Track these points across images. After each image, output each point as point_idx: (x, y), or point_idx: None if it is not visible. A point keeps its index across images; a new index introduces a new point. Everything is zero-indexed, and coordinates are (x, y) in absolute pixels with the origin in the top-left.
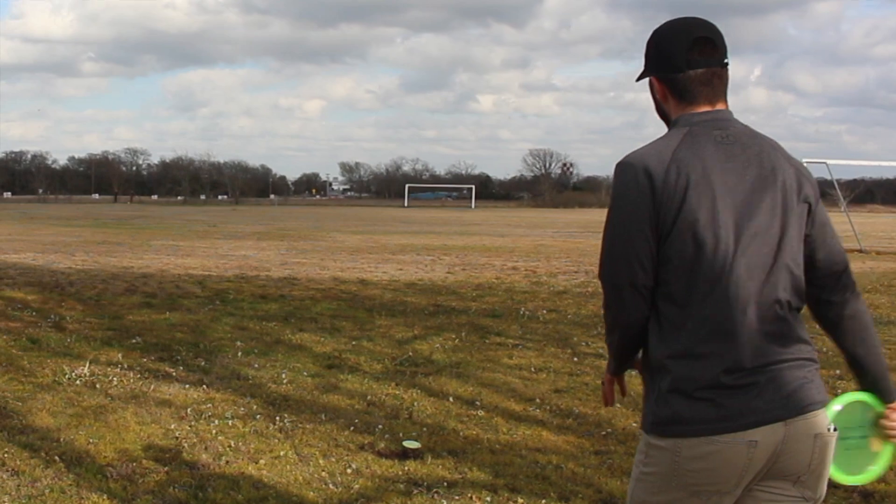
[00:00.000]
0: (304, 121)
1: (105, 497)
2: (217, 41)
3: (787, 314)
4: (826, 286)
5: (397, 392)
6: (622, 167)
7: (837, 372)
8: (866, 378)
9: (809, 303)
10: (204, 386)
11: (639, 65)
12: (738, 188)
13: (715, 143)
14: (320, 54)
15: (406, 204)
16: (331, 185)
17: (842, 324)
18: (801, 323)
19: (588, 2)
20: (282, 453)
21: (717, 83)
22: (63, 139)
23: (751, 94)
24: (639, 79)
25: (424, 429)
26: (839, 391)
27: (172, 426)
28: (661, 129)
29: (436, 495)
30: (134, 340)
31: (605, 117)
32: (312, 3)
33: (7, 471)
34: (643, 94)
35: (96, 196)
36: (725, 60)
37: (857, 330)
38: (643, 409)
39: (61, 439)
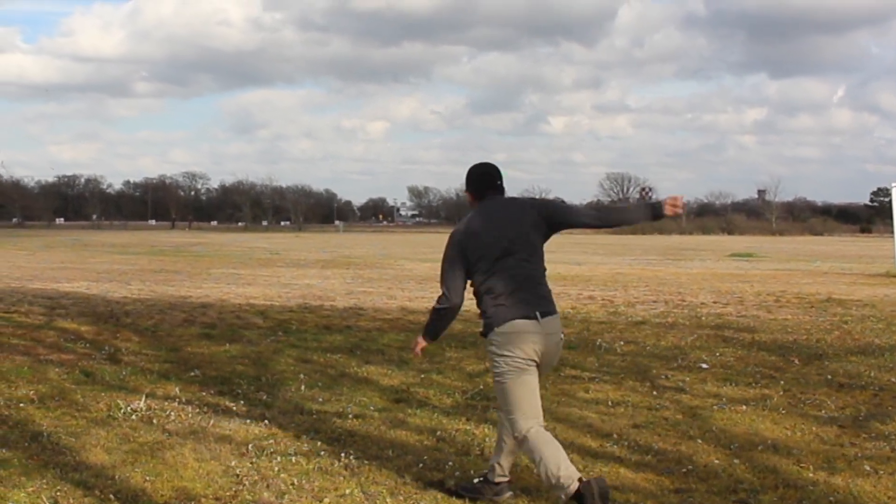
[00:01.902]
0: (368, 143)
1: None
2: (275, 60)
3: None
4: (590, 223)
5: (468, 427)
6: None
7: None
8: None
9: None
10: (266, 421)
11: (715, 84)
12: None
13: None
14: (383, 73)
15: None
16: (398, 210)
17: (608, 217)
18: None
19: (661, 19)
20: (347, 491)
21: None
22: (116, 162)
23: (833, 115)
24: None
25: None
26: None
27: (233, 463)
28: (739, 152)
29: None
30: (192, 373)
31: (682, 139)
32: (373, 20)
33: None
34: (721, 116)
35: (153, 222)
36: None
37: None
38: None
39: (116, 477)
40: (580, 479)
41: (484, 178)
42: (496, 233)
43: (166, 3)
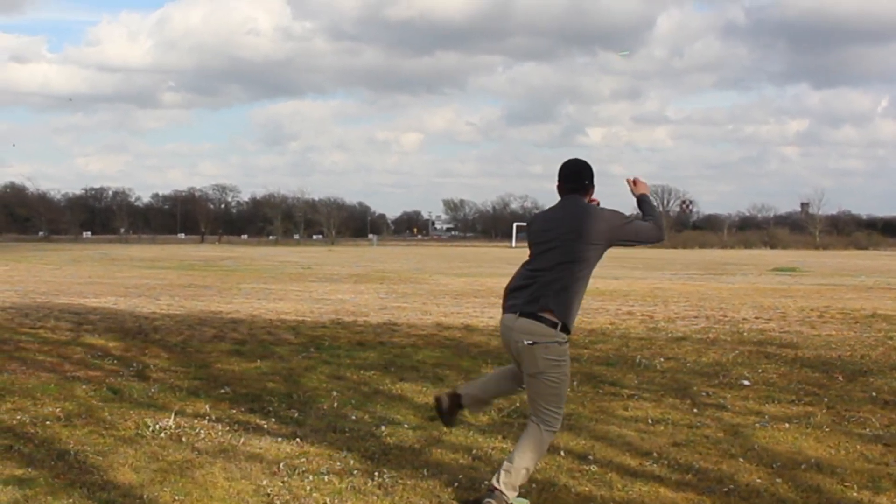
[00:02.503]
0: (402, 155)
1: None
2: (305, 70)
3: None
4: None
5: (504, 445)
6: None
7: None
8: None
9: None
10: (297, 439)
11: (756, 95)
12: None
13: None
14: (416, 84)
15: (514, 244)
16: (433, 223)
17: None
18: None
19: (700, 28)
20: None
21: None
22: (145, 175)
23: (878, 126)
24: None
25: (534, 485)
26: None
27: (264, 482)
28: (781, 164)
29: None
30: (223, 390)
31: (723, 151)
32: (406, 29)
33: None
34: (763, 128)
35: (182, 236)
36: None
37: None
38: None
39: (144, 496)
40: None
41: (559, 176)
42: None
43: (194, 12)
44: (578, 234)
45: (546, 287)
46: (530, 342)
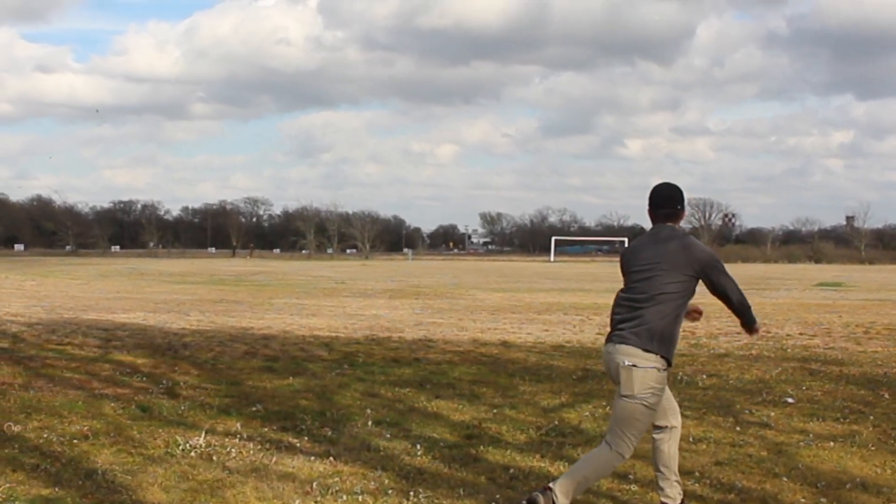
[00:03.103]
0: (437, 167)
1: None
2: (338, 80)
3: None
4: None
5: (543, 465)
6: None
7: None
8: None
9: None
10: (331, 458)
11: (799, 106)
12: None
13: None
14: (451, 95)
15: (552, 258)
16: (470, 237)
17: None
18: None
19: (741, 37)
20: None
21: None
22: (174, 187)
23: None
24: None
25: None
26: None
27: (296, 502)
28: (826, 176)
29: None
30: (254, 408)
31: (766, 163)
32: (440, 38)
33: None
34: (806, 140)
35: (212, 250)
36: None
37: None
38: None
39: None
40: None
41: (651, 202)
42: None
43: (224, 21)
44: (676, 265)
45: (647, 318)
46: (630, 363)
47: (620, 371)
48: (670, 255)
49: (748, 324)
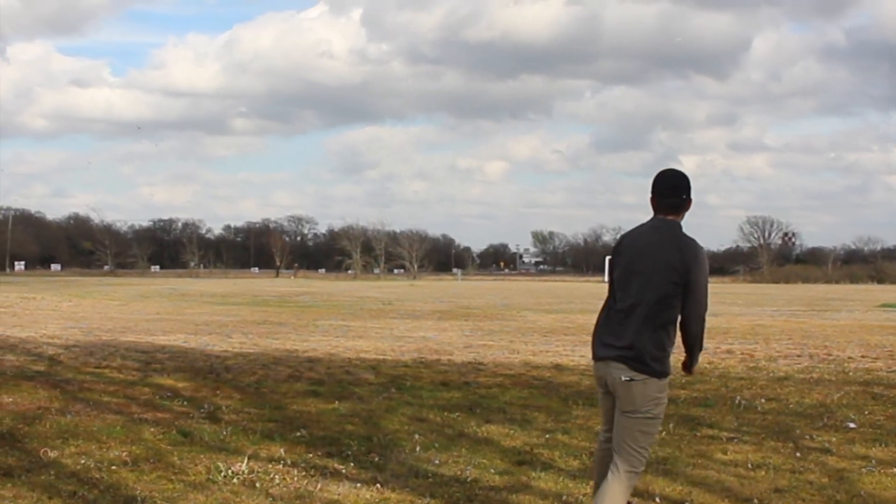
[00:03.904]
0: (486, 184)
1: None
2: (383, 95)
3: None
4: (685, 324)
5: None
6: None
7: None
8: None
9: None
10: (377, 485)
11: (859, 121)
12: None
13: None
14: (500, 109)
15: (606, 279)
16: (521, 257)
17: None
18: None
19: (799, 50)
20: None
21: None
22: (215, 205)
23: None
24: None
25: None
26: None
27: None
28: (888, 194)
29: None
30: (298, 433)
31: (825, 181)
32: (487, 51)
33: None
34: (867, 156)
35: (255, 270)
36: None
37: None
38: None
39: None
40: None
41: (654, 189)
42: (642, 267)
43: (264, 34)
44: (678, 271)
45: (643, 325)
46: (627, 378)
47: (618, 386)
48: (666, 256)
49: (692, 364)
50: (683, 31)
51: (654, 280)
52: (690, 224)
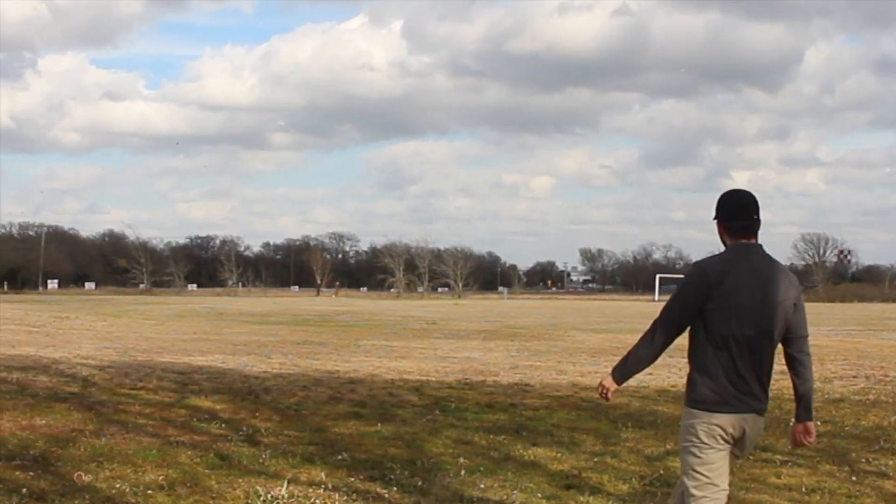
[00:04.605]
0: (532, 200)
1: None
2: (425, 108)
3: None
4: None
5: None
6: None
7: None
8: None
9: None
10: None
11: None
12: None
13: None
14: (545, 123)
15: (656, 297)
16: (569, 275)
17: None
18: None
19: (852, 63)
20: None
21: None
22: (253, 222)
23: None
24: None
25: None
26: None
27: None
28: None
29: None
30: (340, 457)
31: (881, 196)
32: (532, 64)
33: None
34: None
35: (295, 288)
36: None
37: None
38: None
39: None
40: None
41: (723, 211)
42: (760, 300)
43: (303, 46)
44: (793, 301)
45: (768, 363)
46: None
47: (754, 436)
48: (779, 286)
49: (808, 411)
50: (733, 43)
51: (777, 313)
52: None
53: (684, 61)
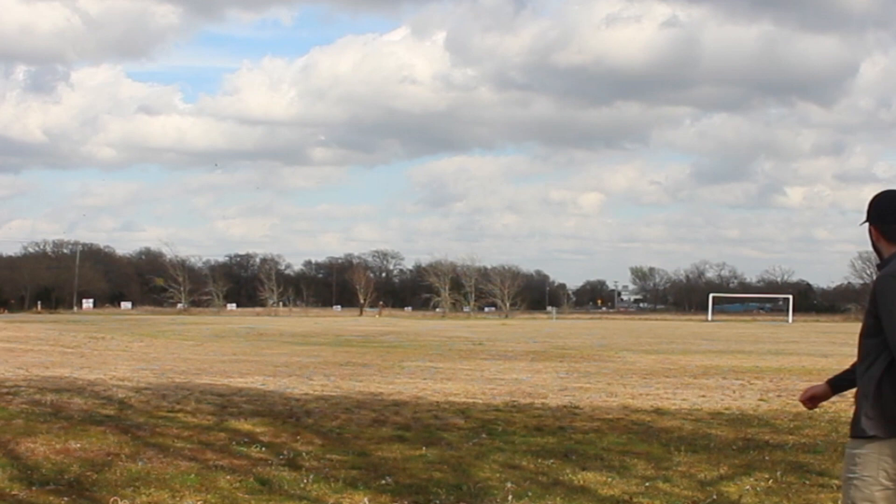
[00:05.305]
0: (581, 217)
1: None
2: (470, 122)
3: None
4: None
5: None
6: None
7: None
8: None
9: None
10: None
11: None
12: None
13: None
14: (593, 138)
15: (710, 317)
16: (619, 294)
17: None
18: None
19: None
20: None
21: None
22: (293, 239)
23: None
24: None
25: None
26: None
27: None
28: None
29: None
30: (383, 481)
31: None
32: (580, 77)
33: None
34: None
35: (338, 308)
36: None
37: None
38: None
39: None
40: None
41: (882, 215)
42: None
43: (343, 58)
44: None
45: None
46: None
47: None
48: None
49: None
50: (786, 56)
51: None
52: (798, 260)
53: (736, 74)
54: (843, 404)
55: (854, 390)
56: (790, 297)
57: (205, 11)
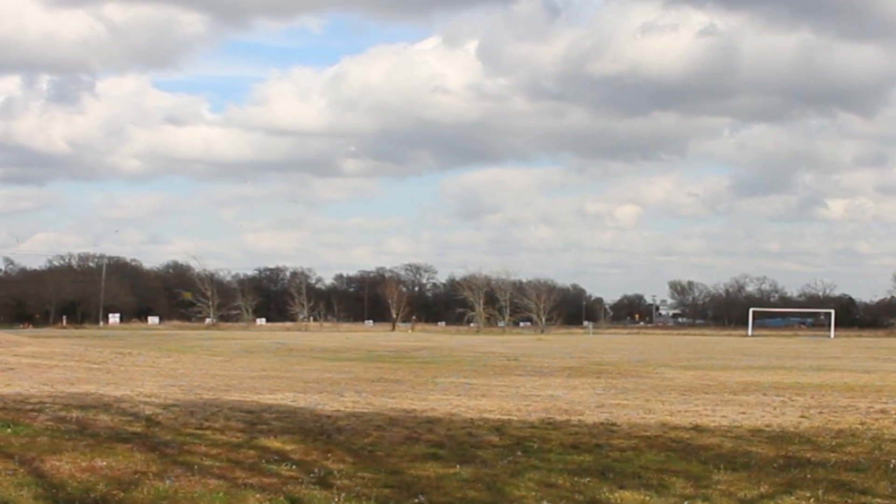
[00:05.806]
0: (617, 230)
1: None
2: (503, 133)
3: None
4: None
5: None
6: None
7: None
8: None
9: None
10: None
11: None
12: None
13: None
14: (630, 149)
15: (750, 332)
16: (657, 308)
17: None
18: None
19: None
20: None
21: None
22: (323, 253)
23: None
24: None
25: None
26: None
27: None
28: None
29: None
30: (416, 500)
31: None
32: (615, 87)
33: None
34: None
35: (370, 323)
36: None
37: None
38: None
39: None
40: None
41: None
42: None
43: (374, 68)
44: None
45: None
46: None
47: None
48: None
49: None
50: (826, 66)
51: None
52: (840, 274)
53: (775, 84)
54: (887, 421)
55: None
56: (832, 311)
57: (232, 20)
